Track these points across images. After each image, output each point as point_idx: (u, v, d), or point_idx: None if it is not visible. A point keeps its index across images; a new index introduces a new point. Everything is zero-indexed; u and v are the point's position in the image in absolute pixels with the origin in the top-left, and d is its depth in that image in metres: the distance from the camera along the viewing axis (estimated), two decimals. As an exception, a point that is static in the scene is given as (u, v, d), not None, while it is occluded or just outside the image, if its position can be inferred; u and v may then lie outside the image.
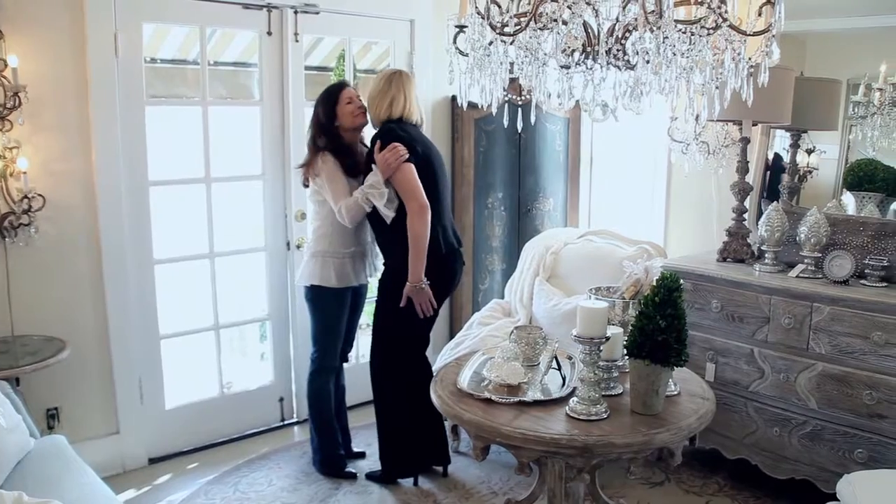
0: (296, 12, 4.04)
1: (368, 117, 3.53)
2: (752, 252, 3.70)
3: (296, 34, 4.07)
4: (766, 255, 3.55)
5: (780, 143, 4.11)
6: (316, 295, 3.58)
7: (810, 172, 4.07)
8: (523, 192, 4.80)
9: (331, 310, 3.61)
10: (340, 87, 3.56)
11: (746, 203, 3.76)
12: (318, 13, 4.11)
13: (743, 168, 3.69)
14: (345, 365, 3.87)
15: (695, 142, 3.93)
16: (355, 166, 3.48)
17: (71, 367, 3.48)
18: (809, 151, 4.05)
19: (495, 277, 4.80)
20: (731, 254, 3.71)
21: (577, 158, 4.97)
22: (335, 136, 3.51)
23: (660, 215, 4.52)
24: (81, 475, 2.69)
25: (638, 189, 4.71)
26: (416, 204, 3.30)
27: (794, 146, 3.92)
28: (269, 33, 4.00)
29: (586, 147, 5.01)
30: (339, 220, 3.45)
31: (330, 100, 3.52)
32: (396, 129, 3.37)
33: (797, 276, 3.38)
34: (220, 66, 5.31)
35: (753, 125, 3.66)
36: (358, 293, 3.74)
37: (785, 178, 3.93)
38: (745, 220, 3.75)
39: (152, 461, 3.89)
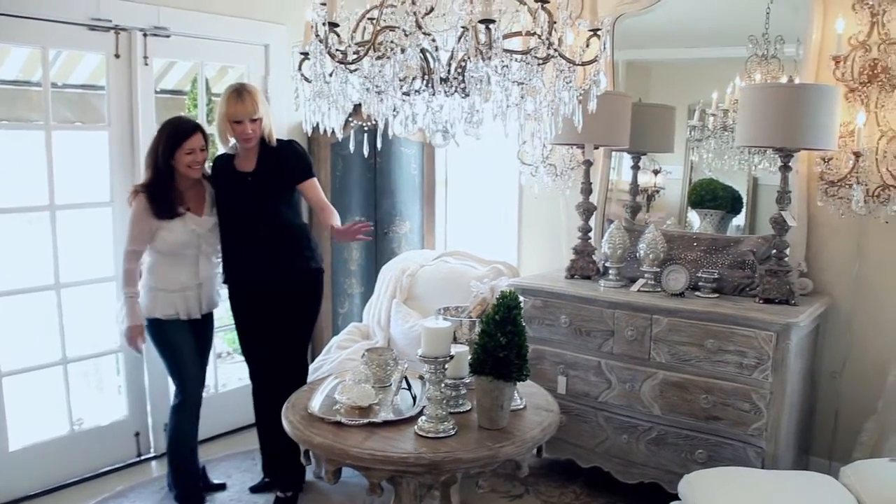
0: (145, 35, 3.95)
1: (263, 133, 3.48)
2: (597, 269, 3.88)
3: (145, 57, 3.97)
4: (610, 272, 3.73)
5: (627, 165, 4.33)
6: (153, 328, 3.48)
7: (658, 192, 4.31)
8: (380, 216, 4.85)
9: (172, 341, 3.49)
10: (189, 132, 3.38)
11: (591, 222, 3.95)
12: (168, 36, 4.03)
13: (586, 189, 3.87)
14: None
15: (542, 164, 4.10)
16: (170, 211, 3.38)
17: None
18: (656, 172, 4.29)
19: (354, 301, 4.81)
20: (578, 271, 3.88)
21: (433, 181, 5.07)
22: (164, 175, 3.38)
23: (512, 235, 4.67)
24: None
25: (491, 210, 4.85)
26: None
27: (635, 167, 4.14)
28: (118, 56, 3.89)
29: (441, 170, 5.12)
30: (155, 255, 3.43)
31: (173, 140, 3.35)
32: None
33: (638, 291, 3.58)
34: (68, 89, 5.12)
35: (595, 148, 3.85)
36: (202, 324, 3.61)
37: (627, 197, 4.15)
38: (590, 238, 3.93)
39: (-5, 508, 3.67)
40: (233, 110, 3.39)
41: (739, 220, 4.01)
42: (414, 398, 2.64)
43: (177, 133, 3.35)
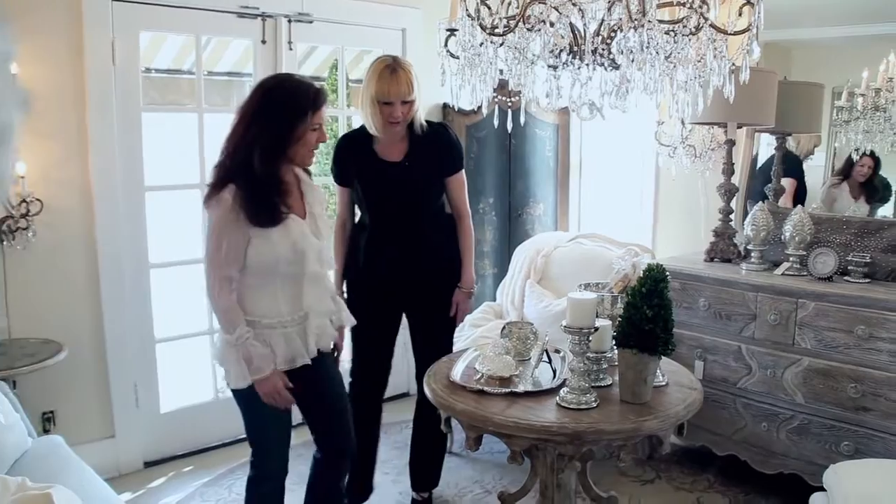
0: (289, 21, 4.11)
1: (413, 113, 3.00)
2: (738, 251, 3.77)
3: (289, 42, 4.14)
4: (753, 254, 3.62)
5: (767, 148, 4.18)
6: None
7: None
8: (514, 197, 4.88)
9: (258, 405, 2.52)
10: (320, 98, 2.46)
11: (733, 204, 3.84)
12: (311, 22, 4.19)
13: (728, 170, 3.77)
14: None
15: (681, 145, 4.01)
16: (273, 214, 2.42)
17: (67, 369, 3.51)
18: (798, 157, 4.13)
19: (487, 282, 4.86)
20: (718, 253, 3.78)
21: (567, 163, 5.06)
22: (269, 163, 2.38)
23: (648, 218, 4.60)
24: (80, 472, 2.73)
25: (627, 193, 4.79)
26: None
27: (780, 149, 4.00)
28: (264, 42, 4.07)
29: (576, 152, 5.10)
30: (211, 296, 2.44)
31: (298, 111, 2.40)
32: None
33: (782, 274, 3.46)
34: (215, 77, 5.39)
35: (738, 128, 3.74)
36: (309, 370, 2.58)
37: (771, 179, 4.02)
38: (731, 220, 3.82)
39: (148, 464, 3.92)
40: (385, 89, 2.91)
41: (887, 209, 3.80)
42: (554, 372, 2.64)
43: (308, 99, 2.42)
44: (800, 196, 4.03)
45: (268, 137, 2.36)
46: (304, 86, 2.45)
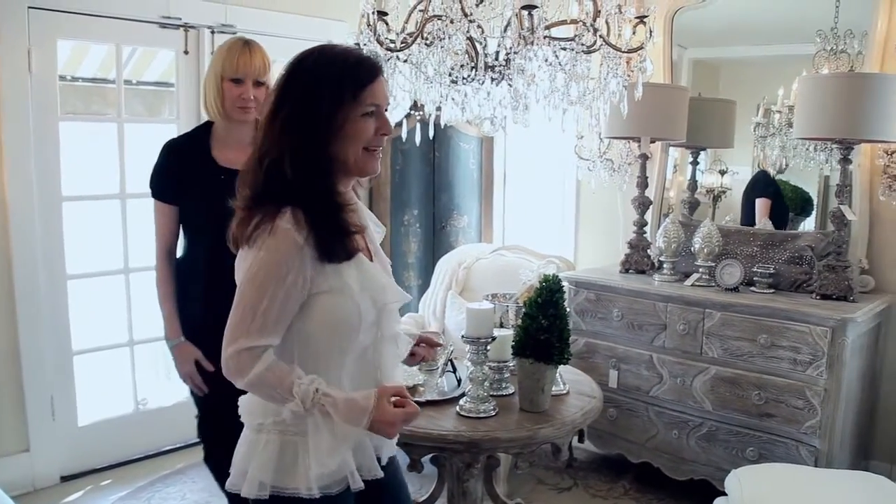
0: (213, 32, 4.11)
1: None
2: (652, 263, 3.87)
3: (212, 53, 4.11)
4: (665, 266, 3.72)
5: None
6: None
7: (724, 192, 4.25)
8: (438, 210, 4.92)
9: None
10: (365, 70, 1.67)
11: (647, 217, 3.93)
12: (234, 34, 4.17)
13: (642, 183, 3.86)
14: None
15: (600, 159, 4.09)
16: (347, 244, 1.65)
17: (-22, 382, 3.45)
18: (722, 172, 4.24)
19: (412, 293, 4.88)
20: (632, 265, 3.87)
21: (491, 176, 5.10)
22: (326, 167, 1.65)
23: (570, 230, 4.67)
24: (-18, 488, 2.69)
25: (549, 205, 4.86)
26: None
27: (694, 163, 4.10)
28: (186, 52, 4.06)
29: (499, 165, 5.15)
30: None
31: (332, 86, 1.63)
32: None
33: (692, 285, 3.55)
34: (142, 86, 5.33)
35: (652, 142, 3.83)
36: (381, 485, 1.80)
37: (685, 192, 4.11)
38: (645, 232, 3.92)
39: (64, 479, 3.84)
40: (236, 63, 2.46)
41: (810, 222, 3.91)
42: (459, 381, 2.68)
43: (347, 69, 1.65)
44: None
45: (297, 126, 1.62)
46: (346, 53, 1.69)
